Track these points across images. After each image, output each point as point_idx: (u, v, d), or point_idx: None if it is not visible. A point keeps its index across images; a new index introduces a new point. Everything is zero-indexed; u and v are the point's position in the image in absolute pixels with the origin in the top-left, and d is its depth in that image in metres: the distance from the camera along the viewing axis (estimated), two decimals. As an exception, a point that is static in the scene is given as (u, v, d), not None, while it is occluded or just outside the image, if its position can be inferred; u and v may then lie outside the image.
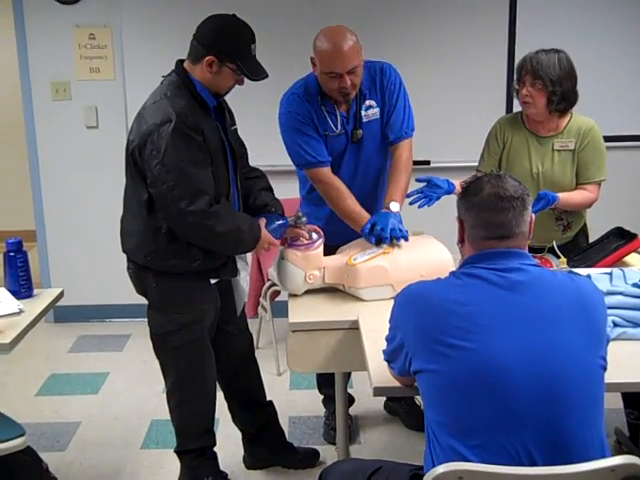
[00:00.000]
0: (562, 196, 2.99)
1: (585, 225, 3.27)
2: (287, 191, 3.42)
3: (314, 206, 3.08)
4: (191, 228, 2.52)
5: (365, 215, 2.87)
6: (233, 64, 2.52)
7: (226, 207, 2.59)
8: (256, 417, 3.08)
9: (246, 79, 2.59)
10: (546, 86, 2.95)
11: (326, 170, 2.95)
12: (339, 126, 2.95)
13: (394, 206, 2.85)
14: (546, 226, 3.10)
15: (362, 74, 2.86)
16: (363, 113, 2.96)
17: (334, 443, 3.35)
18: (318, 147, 2.93)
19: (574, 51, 3.05)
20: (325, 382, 3.36)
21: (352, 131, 2.97)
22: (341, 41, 2.75)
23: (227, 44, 2.51)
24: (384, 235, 2.71)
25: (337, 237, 2.90)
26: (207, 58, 2.50)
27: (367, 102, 2.96)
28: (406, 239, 2.73)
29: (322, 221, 2.98)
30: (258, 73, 2.57)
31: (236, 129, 2.81)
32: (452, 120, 4.49)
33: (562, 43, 3.08)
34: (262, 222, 2.67)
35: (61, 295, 2.90)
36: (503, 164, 3.16)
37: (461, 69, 4.60)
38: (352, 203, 2.92)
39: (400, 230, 2.74)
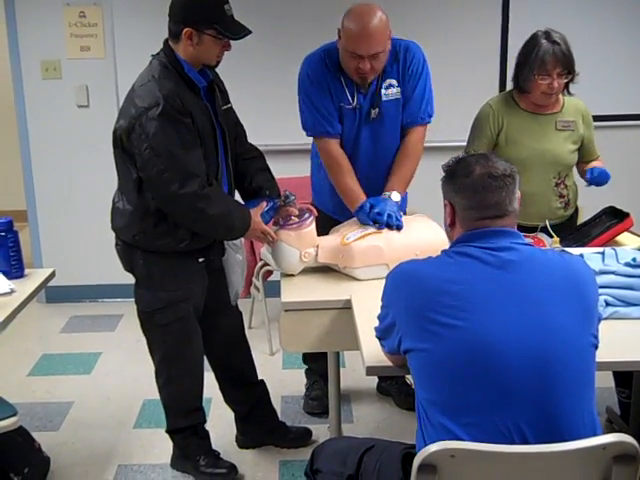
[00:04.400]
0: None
1: (577, 205, 3.30)
2: (283, 170, 3.39)
3: (325, 180, 3.05)
4: (183, 211, 2.52)
5: (361, 196, 2.85)
6: (211, 29, 2.49)
7: (218, 190, 2.59)
8: (247, 396, 3.09)
9: (233, 44, 2.55)
10: (570, 74, 2.99)
11: (333, 142, 2.92)
12: (354, 100, 2.89)
13: (395, 196, 2.83)
14: (549, 203, 3.14)
15: (386, 58, 2.80)
16: (383, 92, 2.90)
17: (312, 413, 3.43)
18: (331, 117, 2.89)
19: (567, 29, 3.05)
20: (311, 355, 3.38)
21: (369, 109, 2.92)
22: (369, 24, 2.67)
23: (199, 12, 2.48)
24: (381, 220, 2.70)
25: (347, 212, 2.91)
26: (185, 31, 2.48)
27: (388, 81, 2.89)
28: (400, 229, 2.72)
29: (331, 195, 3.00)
30: (239, 31, 2.53)
31: (230, 107, 2.79)
32: (443, 99, 4.49)
33: (556, 21, 3.07)
34: (255, 211, 2.66)
35: (53, 275, 2.89)
36: (502, 146, 3.12)
37: (454, 48, 4.59)
38: (351, 181, 2.90)
39: (397, 219, 2.72)
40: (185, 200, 2.48)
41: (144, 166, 2.48)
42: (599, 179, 3.08)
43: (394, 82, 2.90)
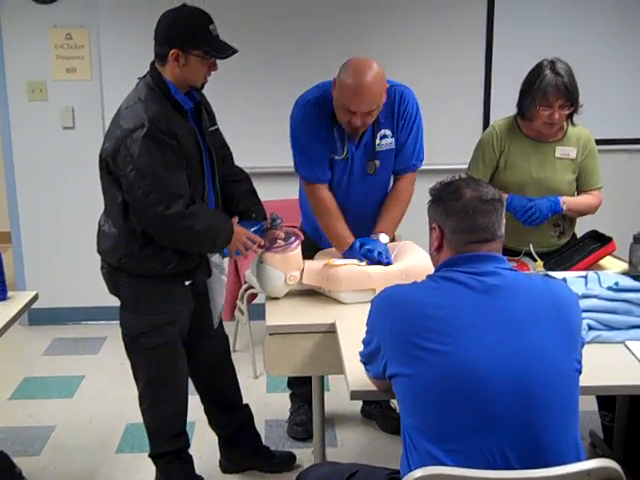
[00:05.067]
0: (578, 200, 3.13)
1: (574, 233, 3.29)
2: (270, 192, 3.39)
3: None
4: (169, 231, 2.52)
5: (350, 240, 2.84)
6: (198, 50, 2.50)
7: (201, 206, 2.60)
8: (232, 420, 3.07)
9: (220, 65, 2.57)
10: (574, 105, 2.99)
11: (323, 187, 2.91)
12: (345, 151, 2.87)
13: (384, 238, 2.83)
14: (544, 231, 3.14)
15: (378, 113, 2.77)
16: (377, 142, 2.89)
17: (296, 438, 3.41)
18: (322, 164, 2.88)
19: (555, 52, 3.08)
20: (296, 380, 3.37)
21: (365, 161, 2.91)
22: (365, 81, 2.64)
23: (185, 33, 2.50)
24: (372, 256, 2.71)
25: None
26: (171, 53, 2.49)
27: (382, 131, 2.88)
28: (390, 265, 2.72)
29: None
30: (225, 50, 2.54)
31: (217, 129, 2.80)
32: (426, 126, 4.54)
33: (540, 38, 3.07)
34: (234, 219, 2.68)
35: (36, 298, 2.87)
36: (500, 170, 3.14)
37: (440, 80, 4.62)
38: (341, 225, 2.89)
39: (387, 257, 2.73)
40: (172, 221, 2.48)
41: (129, 188, 2.48)
42: (530, 215, 3.00)
43: (388, 132, 2.89)
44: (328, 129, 2.85)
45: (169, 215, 2.46)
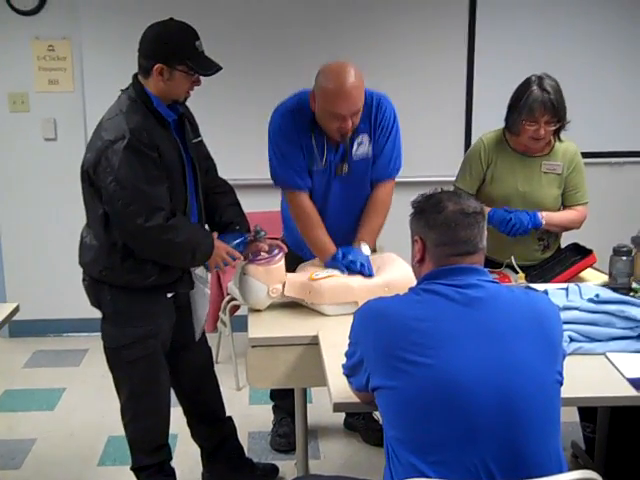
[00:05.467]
0: (558, 215, 3.13)
1: (559, 246, 3.30)
2: (253, 205, 3.39)
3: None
4: (149, 244, 2.52)
5: (332, 247, 2.85)
6: (183, 65, 2.50)
7: (181, 219, 2.59)
8: (215, 432, 3.06)
9: (203, 78, 2.57)
10: (560, 122, 2.99)
11: (303, 195, 2.91)
12: (324, 161, 2.87)
13: (365, 249, 2.84)
14: (528, 245, 3.15)
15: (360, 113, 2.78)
16: (355, 148, 2.88)
17: (279, 450, 3.40)
18: (301, 171, 2.88)
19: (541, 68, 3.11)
20: (279, 392, 3.37)
21: (337, 165, 2.90)
22: (347, 82, 2.65)
23: (171, 48, 2.50)
24: (354, 268, 2.71)
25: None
26: (156, 67, 2.49)
27: (360, 137, 2.88)
28: (372, 277, 2.73)
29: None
30: (210, 67, 2.55)
31: (200, 141, 2.80)
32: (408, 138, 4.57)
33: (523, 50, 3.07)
34: (214, 234, 2.68)
35: (16, 310, 2.86)
36: (487, 183, 3.16)
37: (420, 87, 4.66)
38: (322, 233, 2.89)
39: (369, 269, 2.73)
40: (151, 233, 2.48)
41: (109, 199, 2.47)
42: (511, 227, 2.99)
43: (366, 139, 2.89)
44: (306, 138, 2.85)
45: (149, 227, 2.46)
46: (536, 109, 2.94)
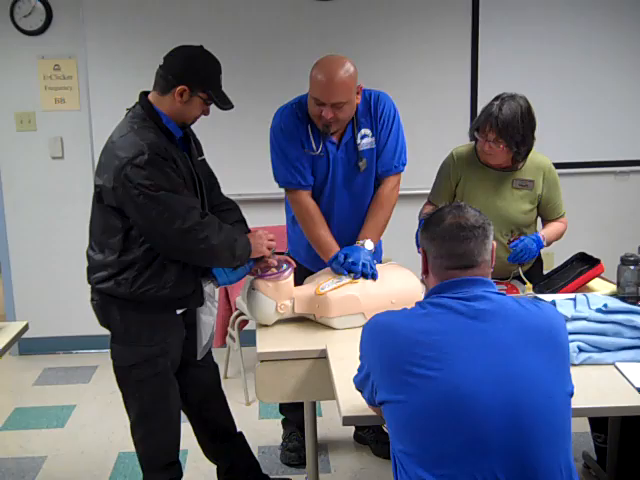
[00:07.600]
0: (552, 230, 3.15)
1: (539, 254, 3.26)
2: (258, 220, 3.40)
3: (300, 232, 3.06)
4: (191, 244, 2.50)
5: (335, 247, 2.86)
6: (205, 94, 2.55)
7: (214, 218, 2.59)
8: (228, 449, 3.03)
9: (211, 109, 2.61)
10: (511, 148, 2.95)
11: (305, 194, 2.94)
12: (319, 147, 2.90)
13: (369, 244, 2.85)
14: (500, 259, 2.99)
15: (351, 111, 2.82)
16: (359, 142, 2.92)
17: (290, 464, 3.40)
18: (303, 169, 2.91)
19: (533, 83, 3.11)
20: (288, 406, 3.37)
21: (355, 163, 2.93)
22: (334, 73, 2.71)
23: (201, 74, 2.54)
24: (355, 269, 2.71)
25: (322, 263, 2.90)
26: (179, 88, 2.51)
27: (363, 131, 2.92)
28: (375, 277, 2.73)
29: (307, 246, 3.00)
30: (226, 102, 2.61)
31: (204, 159, 2.81)
32: (416, 148, 4.58)
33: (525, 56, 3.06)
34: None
35: (26, 328, 2.87)
36: (458, 198, 3.15)
37: (424, 96, 4.68)
38: (324, 232, 2.91)
39: (372, 268, 2.74)
40: (192, 233, 2.47)
41: (140, 213, 2.46)
42: (520, 257, 3.00)
43: (368, 132, 2.93)
44: (304, 129, 2.90)
45: (188, 227, 2.46)
46: (483, 122, 2.96)
